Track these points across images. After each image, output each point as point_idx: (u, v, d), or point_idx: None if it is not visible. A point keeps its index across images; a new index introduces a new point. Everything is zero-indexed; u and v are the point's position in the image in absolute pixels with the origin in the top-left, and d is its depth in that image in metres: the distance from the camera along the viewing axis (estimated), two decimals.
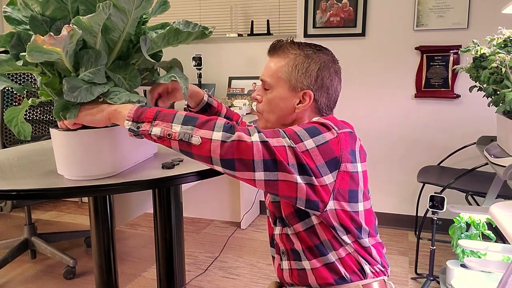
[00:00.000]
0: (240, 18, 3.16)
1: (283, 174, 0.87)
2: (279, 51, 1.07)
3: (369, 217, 1.02)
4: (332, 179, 0.93)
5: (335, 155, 0.93)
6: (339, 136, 0.95)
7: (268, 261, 2.48)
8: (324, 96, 1.06)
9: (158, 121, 0.87)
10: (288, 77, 1.05)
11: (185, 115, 0.88)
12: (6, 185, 0.91)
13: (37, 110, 2.22)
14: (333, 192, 0.94)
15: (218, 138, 0.84)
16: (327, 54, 1.07)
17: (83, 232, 2.76)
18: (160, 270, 1.33)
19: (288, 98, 1.05)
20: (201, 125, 0.86)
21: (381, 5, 2.81)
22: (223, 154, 0.84)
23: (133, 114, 0.89)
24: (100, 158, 0.95)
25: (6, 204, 2.09)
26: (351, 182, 0.96)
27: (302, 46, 1.07)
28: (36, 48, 0.78)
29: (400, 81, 2.83)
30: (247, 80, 3.08)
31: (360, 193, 0.99)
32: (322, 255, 1.00)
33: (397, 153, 2.91)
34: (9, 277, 2.30)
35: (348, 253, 1.00)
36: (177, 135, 0.85)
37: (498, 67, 1.56)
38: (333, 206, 0.95)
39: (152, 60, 1.00)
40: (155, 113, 0.88)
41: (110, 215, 1.34)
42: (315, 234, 1.00)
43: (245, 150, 0.84)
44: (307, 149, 0.90)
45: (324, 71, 1.05)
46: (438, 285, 2.12)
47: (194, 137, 0.85)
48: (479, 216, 1.96)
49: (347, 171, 0.95)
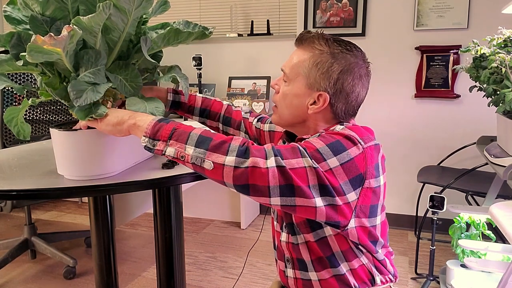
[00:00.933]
0: (240, 18, 3.16)
1: (300, 200, 0.82)
2: (305, 43, 0.98)
3: (384, 228, 0.98)
4: (355, 197, 0.87)
5: (359, 172, 0.87)
6: (365, 151, 0.88)
7: (268, 261, 2.48)
8: (342, 102, 0.96)
9: (173, 140, 0.84)
10: (307, 74, 0.96)
11: (199, 134, 0.84)
12: (6, 185, 0.91)
13: (37, 110, 2.22)
14: (355, 210, 0.88)
15: (231, 164, 0.80)
16: (355, 56, 0.96)
17: (83, 232, 2.76)
18: (160, 270, 1.33)
19: (302, 96, 0.97)
20: (214, 148, 0.82)
21: (381, 5, 2.81)
22: (236, 180, 0.80)
23: (150, 130, 0.86)
24: (100, 158, 0.95)
25: (6, 204, 2.09)
26: (373, 198, 0.90)
27: (331, 42, 0.96)
28: (36, 48, 0.79)
29: (400, 81, 2.83)
30: (247, 80, 3.08)
31: (379, 206, 0.94)
32: (332, 266, 0.95)
33: (397, 153, 2.91)
34: (9, 277, 2.30)
35: (362, 264, 0.96)
36: (190, 158, 0.82)
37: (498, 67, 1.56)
38: (354, 224, 0.89)
39: (153, 60, 1.00)
40: (171, 131, 0.85)
41: (110, 215, 1.34)
42: (327, 245, 0.94)
43: (259, 177, 0.79)
44: (330, 168, 0.84)
45: (347, 75, 0.95)
46: (438, 285, 2.12)
47: (206, 161, 0.81)
48: (479, 216, 1.96)
49: (370, 187, 0.89)
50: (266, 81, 3.03)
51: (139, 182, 0.95)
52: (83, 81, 0.90)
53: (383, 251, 0.98)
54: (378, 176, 0.91)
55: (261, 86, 3.03)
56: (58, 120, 2.30)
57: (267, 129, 1.22)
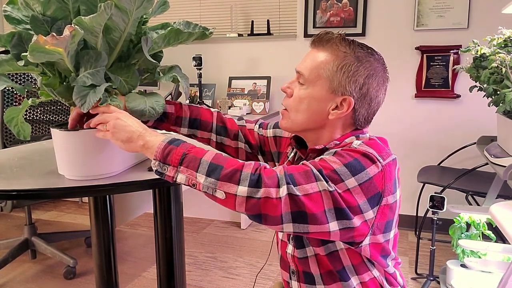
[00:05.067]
0: (240, 18, 3.16)
1: (314, 227, 0.80)
2: (326, 44, 0.92)
3: (395, 240, 0.95)
4: (372, 215, 0.84)
5: (378, 190, 0.83)
6: (384, 169, 0.84)
7: (268, 261, 2.48)
8: (365, 108, 0.92)
9: (184, 167, 0.82)
10: (330, 77, 0.90)
11: (210, 162, 0.81)
12: (6, 185, 0.91)
13: (37, 110, 2.22)
14: (371, 228, 0.85)
15: (243, 194, 0.77)
16: (378, 61, 0.93)
17: (83, 232, 2.76)
18: (160, 270, 1.33)
19: (323, 100, 0.91)
20: (226, 178, 0.79)
21: (381, 5, 2.81)
22: (249, 210, 0.78)
23: (160, 153, 0.84)
24: (100, 158, 0.95)
25: (6, 204, 2.09)
26: (389, 213, 0.87)
27: (353, 45, 0.92)
28: (38, 48, 0.79)
29: (400, 81, 2.83)
30: (247, 80, 3.08)
31: (394, 220, 0.91)
32: (342, 280, 0.92)
33: (397, 153, 2.89)
34: (9, 277, 2.30)
35: (373, 277, 0.93)
36: (202, 186, 0.81)
37: (498, 67, 1.57)
38: (368, 241, 0.87)
39: (153, 60, 1.00)
40: (182, 155, 0.82)
41: (110, 215, 1.34)
42: (338, 259, 0.91)
43: (272, 208, 0.77)
44: (348, 188, 0.80)
45: (372, 80, 0.91)
46: (438, 285, 2.12)
47: (218, 191, 0.79)
48: (479, 216, 1.96)
49: (388, 204, 0.86)
50: (266, 81, 3.03)
51: (139, 182, 0.95)
52: (82, 85, 0.90)
53: (393, 262, 0.97)
54: (395, 191, 0.88)
55: (261, 86, 3.03)
56: (58, 120, 2.30)
57: (271, 134, 1.15)
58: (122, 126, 0.88)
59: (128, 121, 0.89)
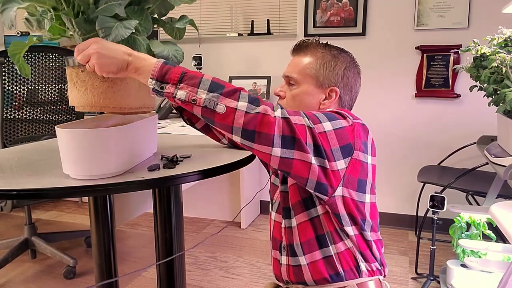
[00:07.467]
0: (240, 18, 3.16)
1: (299, 153, 0.87)
2: (306, 49, 1.11)
3: (373, 211, 1.03)
4: (344, 165, 0.94)
5: (349, 141, 0.95)
6: (353, 124, 0.97)
7: (268, 261, 2.48)
8: (348, 95, 1.10)
9: (184, 84, 0.85)
10: (315, 74, 1.07)
11: (211, 80, 0.87)
12: (6, 185, 0.90)
13: (37, 110, 2.22)
14: (343, 178, 0.95)
15: (243, 108, 0.84)
16: (350, 57, 1.12)
17: (83, 232, 2.76)
18: (160, 270, 1.33)
19: (314, 94, 1.08)
20: (227, 94, 0.85)
21: (381, 5, 2.81)
22: (246, 124, 0.84)
23: (157, 72, 0.86)
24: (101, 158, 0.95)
25: (6, 204, 2.09)
26: (361, 172, 0.97)
27: (328, 46, 1.11)
28: None
29: (401, 80, 2.83)
30: (247, 80, 3.08)
31: (368, 185, 1.00)
32: (321, 247, 1.01)
33: (397, 152, 2.91)
34: (9, 277, 2.30)
35: (347, 248, 1.01)
36: (202, 101, 0.85)
37: (499, 67, 1.56)
38: (341, 193, 0.96)
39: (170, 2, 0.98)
40: (181, 74, 0.86)
41: (110, 215, 1.34)
42: (318, 225, 1.01)
43: (267, 125, 0.84)
44: (324, 130, 0.91)
45: (350, 71, 1.10)
46: (438, 285, 2.12)
47: (219, 105, 0.84)
48: (480, 216, 1.96)
49: (359, 160, 0.96)
50: (266, 80, 3.03)
51: (139, 182, 0.94)
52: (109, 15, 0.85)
53: (373, 235, 1.03)
54: (366, 153, 0.99)
55: (261, 85, 3.03)
56: (58, 120, 2.30)
57: None
58: (106, 58, 0.87)
59: (110, 52, 0.87)
